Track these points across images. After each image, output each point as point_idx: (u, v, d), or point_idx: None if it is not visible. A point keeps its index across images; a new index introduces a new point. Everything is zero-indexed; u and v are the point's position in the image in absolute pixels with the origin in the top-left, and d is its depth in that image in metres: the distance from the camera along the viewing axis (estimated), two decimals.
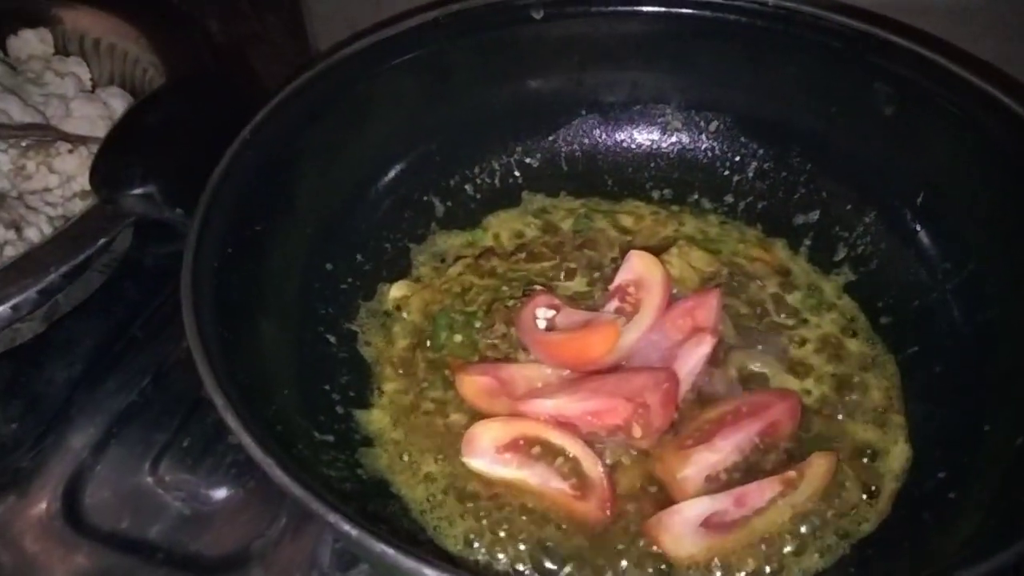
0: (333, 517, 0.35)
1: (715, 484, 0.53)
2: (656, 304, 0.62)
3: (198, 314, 0.44)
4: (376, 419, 0.60)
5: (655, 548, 0.52)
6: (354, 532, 0.34)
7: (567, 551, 0.53)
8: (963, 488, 0.52)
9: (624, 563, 0.52)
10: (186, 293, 0.45)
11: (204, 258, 0.48)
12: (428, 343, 0.64)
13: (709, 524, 0.51)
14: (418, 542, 0.50)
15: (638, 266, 0.65)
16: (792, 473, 0.53)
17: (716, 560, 0.52)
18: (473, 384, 0.59)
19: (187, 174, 0.51)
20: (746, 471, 0.54)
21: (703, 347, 0.58)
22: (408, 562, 0.33)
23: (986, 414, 0.55)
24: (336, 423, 0.58)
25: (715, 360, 0.61)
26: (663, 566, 0.52)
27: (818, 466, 0.54)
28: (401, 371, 0.63)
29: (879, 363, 0.64)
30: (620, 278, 0.66)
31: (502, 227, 0.75)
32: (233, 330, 0.48)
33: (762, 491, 0.52)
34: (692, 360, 0.58)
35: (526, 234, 0.75)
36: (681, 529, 0.51)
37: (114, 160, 0.54)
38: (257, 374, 0.49)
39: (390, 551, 0.33)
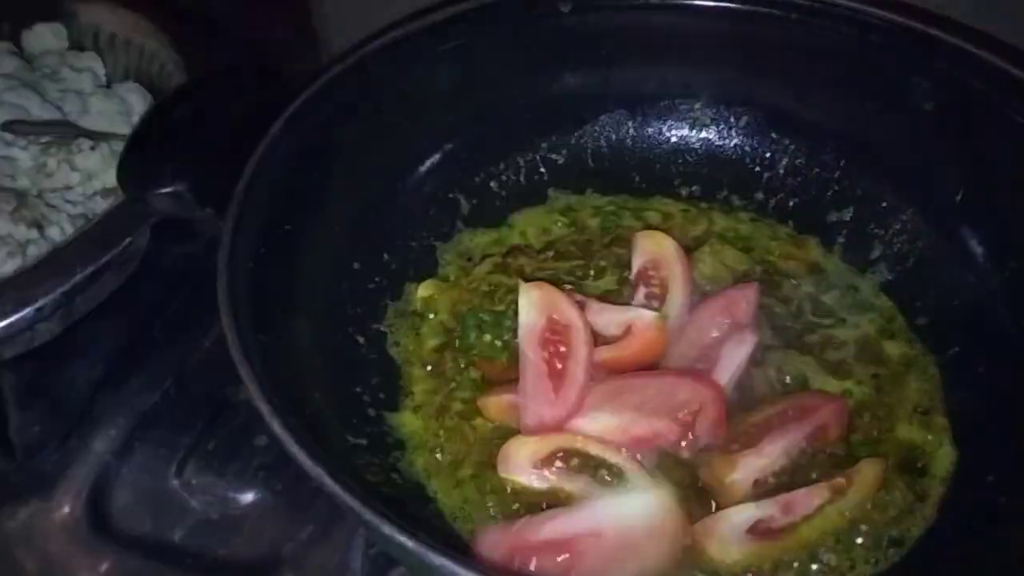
0: (388, 529, 0.34)
1: (763, 489, 0.52)
2: (681, 277, 0.61)
3: (236, 318, 0.43)
4: (407, 422, 0.59)
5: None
6: (419, 549, 0.33)
7: None
8: (1013, 493, 0.51)
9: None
10: (223, 297, 0.43)
11: (239, 259, 0.47)
12: (457, 343, 0.63)
13: (756, 531, 0.50)
14: (458, 549, 0.48)
15: (648, 246, 0.64)
16: (841, 479, 0.52)
17: (763, 567, 0.50)
18: (498, 404, 0.58)
19: (217, 172, 0.50)
20: (793, 475, 0.53)
21: (745, 346, 0.57)
22: (466, 573, 0.32)
23: None
24: (368, 426, 0.56)
25: (753, 359, 0.59)
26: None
27: (867, 472, 0.53)
28: (430, 371, 0.62)
29: (919, 364, 0.62)
30: (637, 263, 0.65)
31: (528, 225, 0.74)
32: (269, 333, 0.46)
33: (810, 497, 0.51)
34: (735, 361, 0.57)
35: (553, 232, 0.74)
36: (728, 535, 0.50)
37: (142, 157, 0.52)
38: (292, 378, 0.48)
39: (457, 568, 0.32)
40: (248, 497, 0.65)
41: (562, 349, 0.57)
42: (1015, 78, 0.60)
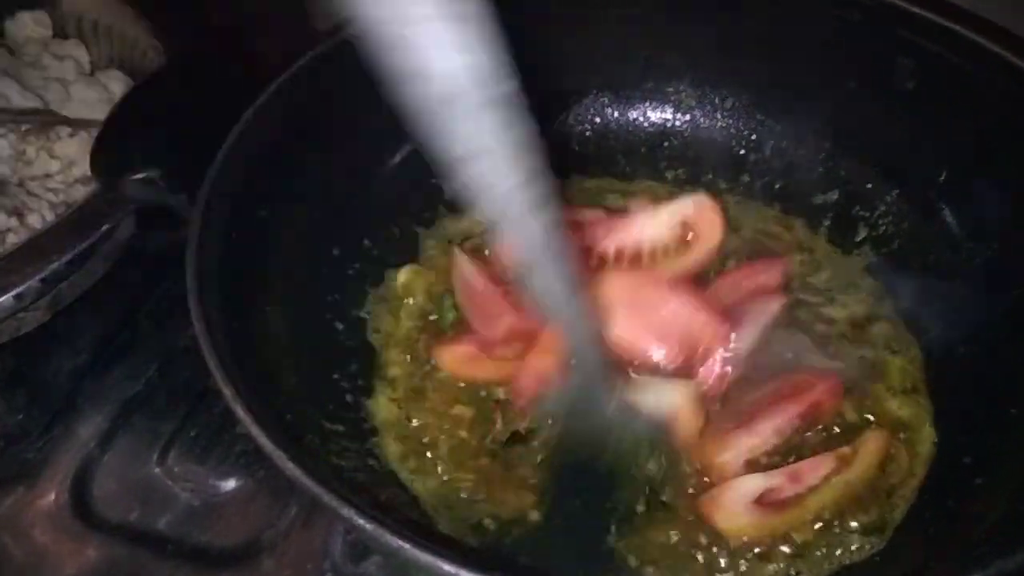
0: (346, 511, 0.33)
1: (755, 469, 0.52)
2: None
3: (204, 301, 0.43)
4: (383, 406, 0.59)
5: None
6: (368, 526, 0.33)
7: None
8: (989, 474, 0.51)
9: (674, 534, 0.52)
10: (192, 280, 0.43)
11: (209, 244, 0.47)
12: (433, 325, 0.63)
13: (763, 502, 0.50)
14: (432, 534, 0.48)
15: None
16: (847, 449, 0.52)
17: (769, 538, 0.51)
18: (453, 354, 0.59)
19: (189, 158, 0.50)
20: (786, 454, 0.53)
21: (774, 304, 0.57)
22: (425, 556, 0.32)
23: (1012, 398, 0.54)
24: (346, 412, 0.56)
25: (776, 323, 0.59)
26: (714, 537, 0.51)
27: (872, 442, 0.53)
28: (407, 355, 0.62)
29: (903, 345, 0.62)
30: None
31: None
32: (240, 317, 0.46)
33: (816, 468, 0.51)
34: (763, 315, 0.57)
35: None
36: (734, 506, 0.50)
37: (114, 144, 0.52)
38: (265, 363, 0.48)
39: (406, 545, 0.32)
40: (229, 484, 0.65)
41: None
42: (998, 56, 0.59)
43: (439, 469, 0.54)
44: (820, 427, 0.55)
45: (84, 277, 0.75)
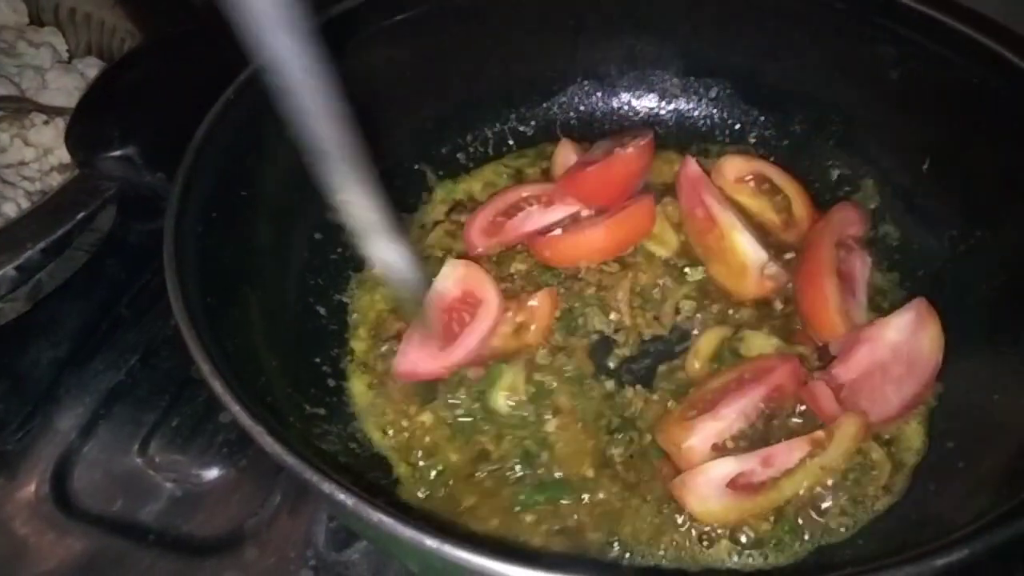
0: (328, 486, 0.33)
1: (721, 453, 0.52)
2: None
3: (182, 279, 0.42)
4: (356, 387, 0.58)
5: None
6: (349, 501, 0.32)
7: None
8: (971, 459, 0.51)
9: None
10: (169, 258, 0.43)
11: (187, 222, 0.46)
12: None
13: (736, 485, 0.50)
14: (413, 510, 0.48)
15: None
16: (821, 433, 0.52)
17: (742, 523, 0.50)
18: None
19: (167, 136, 0.49)
20: (753, 440, 0.53)
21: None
22: (406, 531, 0.32)
23: (996, 384, 0.54)
24: (327, 396, 0.56)
25: None
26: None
27: (848, 426, 0.52)
28: (373, 333, 0.62)
29: None
30: None
31: (477, 182, 0.73)
32: (219, 297, 0.46)
33: (790, 451, 0.51)
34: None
35: (498, 185, 0.73)
36: (706, 490, 0.50)
37: (90, 122, 0.51)
38: (245, 344, 0.47)
39: (386, 519, 0.32)
40: (212, 473, 0.64)
41: (466, 318, 0.59)
42: (982, 45, 0.60)
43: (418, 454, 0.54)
44: (787, 413, 0.55)
45: (63, 267, 0.74)
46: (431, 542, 0.32)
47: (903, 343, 0.55)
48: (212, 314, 0.42)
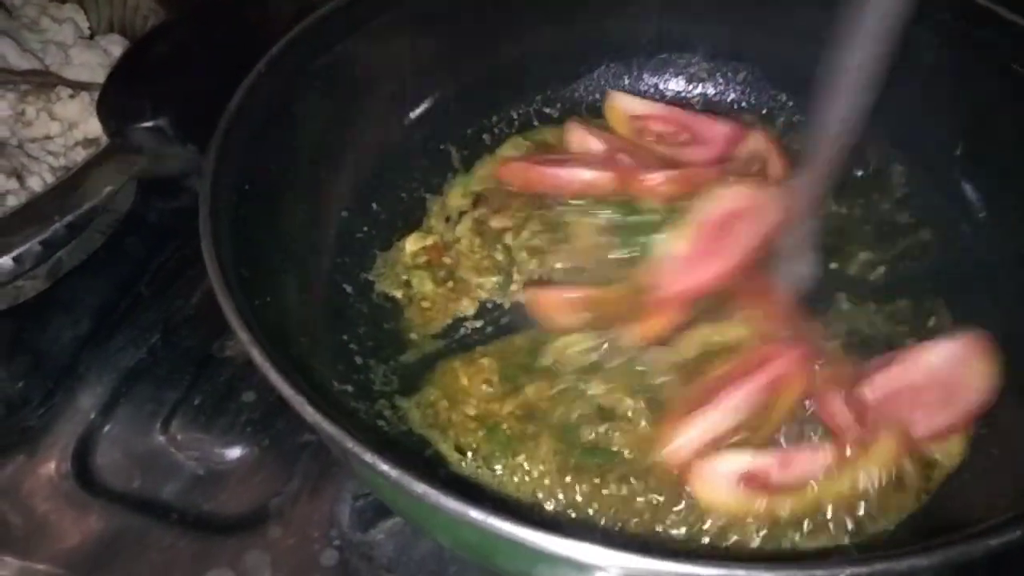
0: (370, 457, 0.32)
1: (723, 446, 0.50)
2: None
3: (218, 249, 0.41)
4: (401, 368, 0.58)
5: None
6: (393, 473, 0.32)
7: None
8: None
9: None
10: (205, 227, 0.42)
11: (222, 193, 0.45)
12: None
13: (748, 480, 0.49)
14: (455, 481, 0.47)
15: None
16: (849, 445, 0.49)
17: (749, 519, 0.49)
18: (547, 298, 0.58)
19: (199, 108, 0.48)
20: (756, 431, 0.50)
21: None
22: (450, 503, 0.31)
23: None
24: (355, 373, 0.55)
25: None
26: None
27: (884, 444, 0.49)
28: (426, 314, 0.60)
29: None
30: None
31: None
32: (252, 270, 0.45)
33: (811, 458, 0.49)
34: None
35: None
36: (715, 479, 0.49)
37: (122, 92, 0.50)
38: (276, 318, 0.47)
39: (431, 491, 0.31)
40: (235, 452, 0.64)
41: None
42: (1018, 27, 0.59)
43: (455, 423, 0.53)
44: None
45: (83, 246, 0.74)
46: (476, 514, 0.31)
47: (943, 370, 0.51)
48: (246, 287, 0.42)
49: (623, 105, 0.72)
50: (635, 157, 0.66)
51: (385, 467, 0.32)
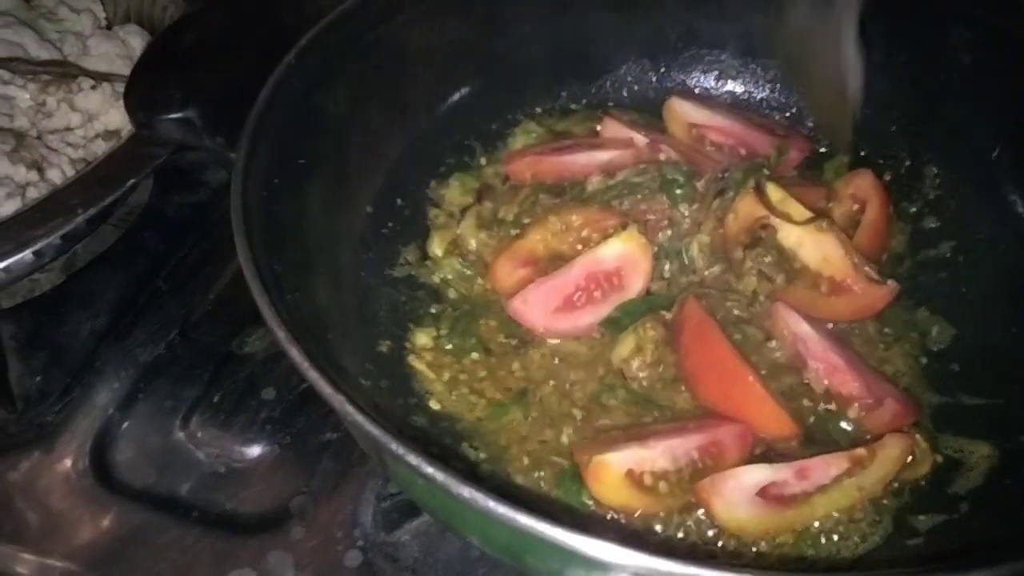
0: (414, 459, 0.31)
1: (635, 483, 0.48)
2: None
3: (252, 244, 0.40)
4: (420, 366, 0.57)
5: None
6: (439, 476, 0.31)
7: None
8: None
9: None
10: (237, 220, 0.41)
11: (253, 187, 0.44)
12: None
13: (767, 495, 0.48)
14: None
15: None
16: (862, 451, 0.49)
17: (770, 535, 0.48)
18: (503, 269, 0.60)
19: (228, 100, 0.47)
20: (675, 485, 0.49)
21: None
22: (501, 509, 0.30)
23: None
24: (383, 368, 0.54)
25: None
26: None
27: (892, 447, 0.49)
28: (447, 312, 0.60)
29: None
30: None
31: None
32: (284, 265, 0.44)
33: (827, 466, 0.48)
34: None
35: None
36: (735, 495, 0.47)
37: (150, 83, 0.49)
38: (307, 313, 0.45)
39: (479, 496, 0.30)
40: (255, 450, 0.63)
41: (597, 295, 0.57)
42: None
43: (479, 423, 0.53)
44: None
45: (97, 239, 0.73)
46: (523, 519, 0.30)
47: None
48: (280, 283, 0.41)
49: (684, 111, 0.70)
50: (688, 158, 0.66)
51: (430, 470, 0.31)
